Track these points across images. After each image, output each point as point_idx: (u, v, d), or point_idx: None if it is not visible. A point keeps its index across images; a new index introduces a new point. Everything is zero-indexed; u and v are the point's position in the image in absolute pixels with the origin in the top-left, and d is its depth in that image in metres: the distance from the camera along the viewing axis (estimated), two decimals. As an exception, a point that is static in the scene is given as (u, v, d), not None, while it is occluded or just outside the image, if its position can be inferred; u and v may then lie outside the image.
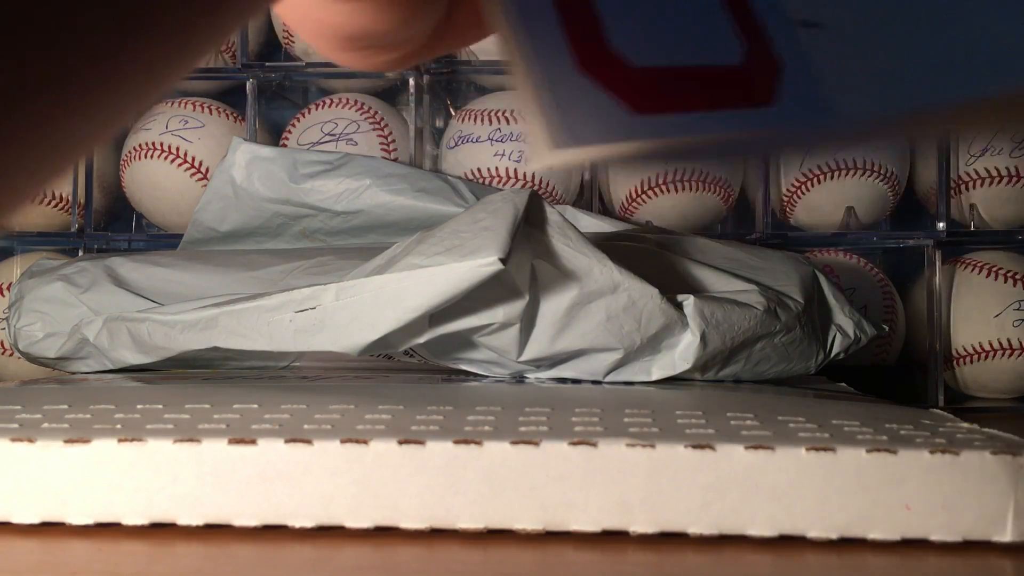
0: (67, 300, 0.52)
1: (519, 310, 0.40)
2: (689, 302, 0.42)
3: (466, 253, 0.37)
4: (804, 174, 0.67)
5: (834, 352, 0.48)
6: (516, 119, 0.65)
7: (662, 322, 0.41)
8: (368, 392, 0.39)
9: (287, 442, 0.29)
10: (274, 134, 0.71)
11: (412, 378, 0.44)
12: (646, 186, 0.66)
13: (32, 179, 0.12)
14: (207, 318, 0.43)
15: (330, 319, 0.40)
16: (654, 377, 0.43)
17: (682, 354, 0.42)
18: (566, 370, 0.44)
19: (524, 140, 0.63)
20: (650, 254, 0.48)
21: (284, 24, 0.19)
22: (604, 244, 0.42)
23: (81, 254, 0.67)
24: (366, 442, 0.29)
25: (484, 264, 0.37)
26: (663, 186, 0.66)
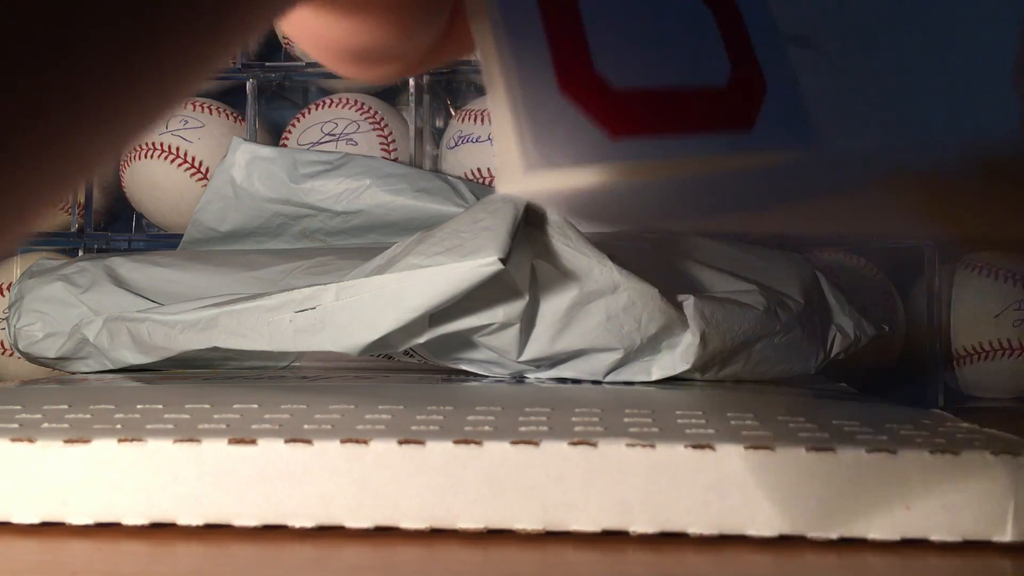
0: (67, 300, 0.52)
1: (519, 310, 0.40)
2: (689, 302, 0.42)
3: (466, 253, 0.37)
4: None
5: (834, 352, 0.48)
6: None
7: (662, 322, 0.41)
8: (368, 392, 0.39)
9: (287, 442, 0.29)
10: (274, 134, 0.71)
11: (412, 378, 0.44)
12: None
13: (40, 199, 0.12)
14: (207, 318, 0.43)
15: (330, 319, 0.40)
16: (654, 377, 0.43)
17: (682, 354, 0.42)
18: (566, 370, 0.44)
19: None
20: (650, 254, 0.48)
21: (286, 35, 0.19)
22: (604, 244, 0.42)
23: (81, 254, 0.67)
24: (366, 442, 0.29)
25: (484, 264, 0.37)
26: (663, 186, 0.66)
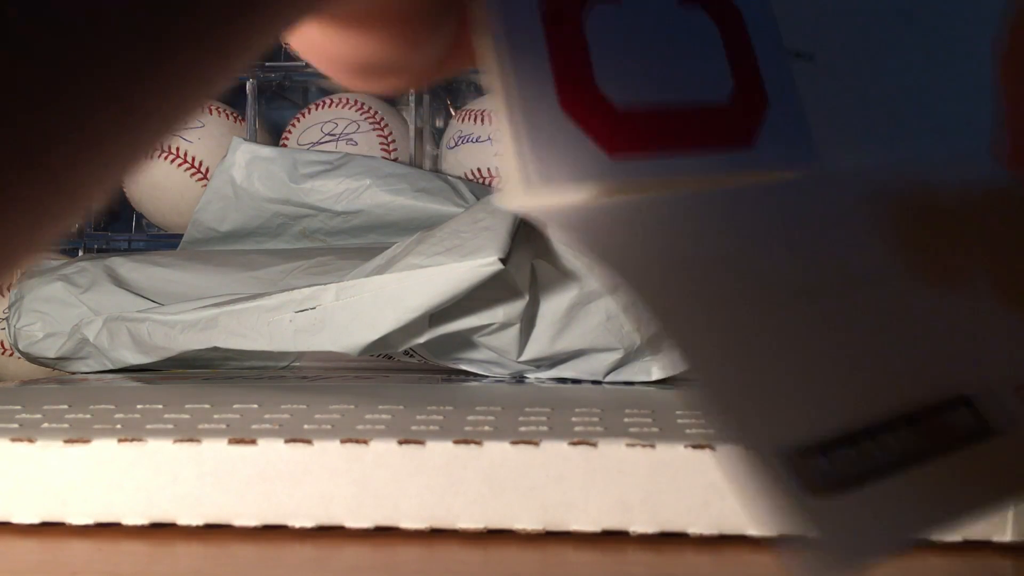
0: (67, 300, 0.52)
1: (519, 310, 0.40)
2: (689, 302, 0.42)
3: (466, 253, 0.37)
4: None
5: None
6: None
7: (662, 322, 0.41)
8: (368, 392, 0.39)
9: (287, 442, 0.29)
10: (274, 134, 0.71)
11: (412, 378, 0.44)
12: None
13: (40, 230, 0.12)
14: (207, 318, 0.43)
15: (330, 319, 0.40)
16: (654, 377, 0.43)
17: (682, 354, 0.42)
18: (566, 370, 0.44)
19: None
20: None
21: (293, 49, 0.19)
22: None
23: (81, 254, 0.67)
24: (366, 442, 0.29)
25: (484, 264, 0.37)
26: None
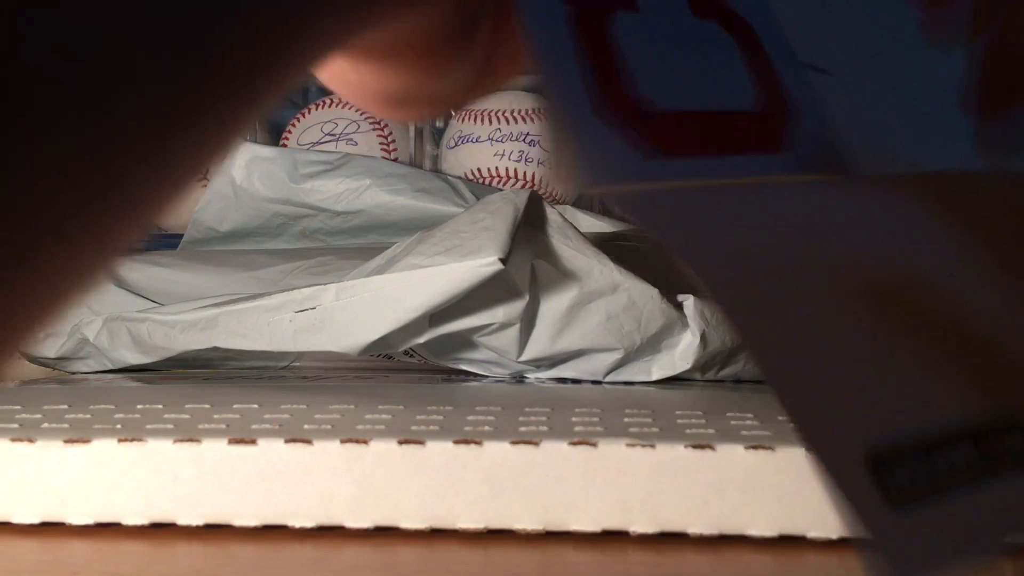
0: (67, 300, 0.52)
1: (519, 310, 0.40)
2: (689, 302, 0.42)
3: (466, 253, 0.37)
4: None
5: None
6: (516, 119, 0.65)
7: (662, 322, 0.41)
8: (368, 392, 0.39)
9: (287, 442, 0.29)
10: (274, 134, 0.71)
11: (412, 378, 0.44)
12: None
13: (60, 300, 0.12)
14: (207, 318, 0.43)
15: (330, 319, 0.40)
16: (654, 377, 0.43)
17: (682, 354, 0.42)
18: (566, 370, 0.44)
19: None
20: (650, 254, 0.48)
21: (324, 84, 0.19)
22: (604, 244, 0.42)
23: (81, 254, 0.66)
24: (366, 442, 0.29)
25: (484, 264, 0.37)
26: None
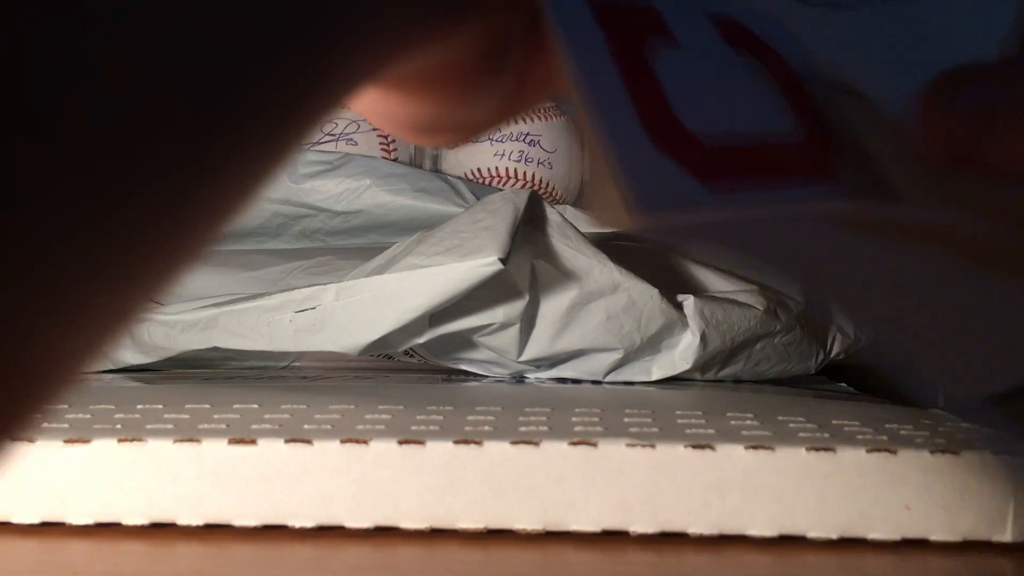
0: (67, 300, 0.52)
1: (519, 310, 0.40)
2: (689, 302, 0.42)
3: (466, 253, 0.37)
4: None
5: (834, 352, 0.48)
6: (516, 119, 0.65)
7: (662, 322, 0.41)
8: (368, 392, 0.39)
9: (287, 442, 0.29)
10: (274, 134, 0.71)
11: (412, 378, 0.44)
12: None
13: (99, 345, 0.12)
14: (207, 318, 0.43)
15: (330, 319, 0.40)
16: (654, 377, 0.43)
17: (682, 354, 0.42)
18: (566, 370, 0.44)
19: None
20: (650, 254, 0.48)
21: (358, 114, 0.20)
22: (604, 244, 0.42)
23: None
24: (366, 442, 0.29)
25: (484, 264, 0.37)
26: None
